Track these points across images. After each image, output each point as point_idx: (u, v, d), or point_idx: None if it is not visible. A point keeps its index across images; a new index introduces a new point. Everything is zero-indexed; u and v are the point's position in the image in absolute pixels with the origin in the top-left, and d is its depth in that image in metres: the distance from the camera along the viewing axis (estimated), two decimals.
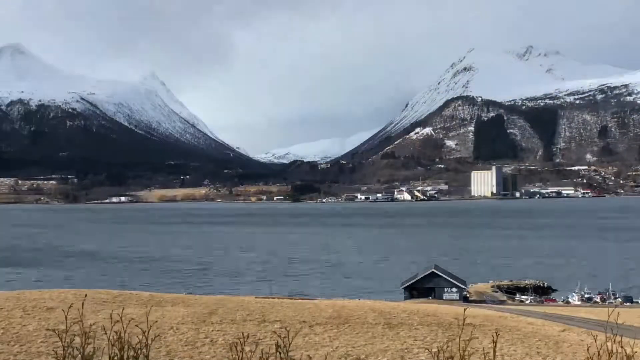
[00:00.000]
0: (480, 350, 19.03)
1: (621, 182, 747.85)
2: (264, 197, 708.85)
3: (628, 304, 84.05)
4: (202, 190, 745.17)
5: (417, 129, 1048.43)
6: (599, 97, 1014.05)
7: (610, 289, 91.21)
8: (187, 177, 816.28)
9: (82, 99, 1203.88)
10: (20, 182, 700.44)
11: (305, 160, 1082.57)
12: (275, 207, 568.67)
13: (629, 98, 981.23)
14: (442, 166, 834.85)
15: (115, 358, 7.89)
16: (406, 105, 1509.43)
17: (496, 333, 10.59)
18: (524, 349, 20.18)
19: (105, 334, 8.03)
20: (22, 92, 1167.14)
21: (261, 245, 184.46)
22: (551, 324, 29.18)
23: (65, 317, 8.56)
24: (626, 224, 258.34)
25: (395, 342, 21.09)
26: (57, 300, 36.63)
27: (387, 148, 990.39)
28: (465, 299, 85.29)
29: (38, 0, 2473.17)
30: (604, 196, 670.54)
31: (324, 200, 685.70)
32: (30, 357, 15.65)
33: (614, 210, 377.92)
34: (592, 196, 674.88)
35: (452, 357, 7.86)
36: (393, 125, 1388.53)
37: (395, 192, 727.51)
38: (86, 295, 31.97)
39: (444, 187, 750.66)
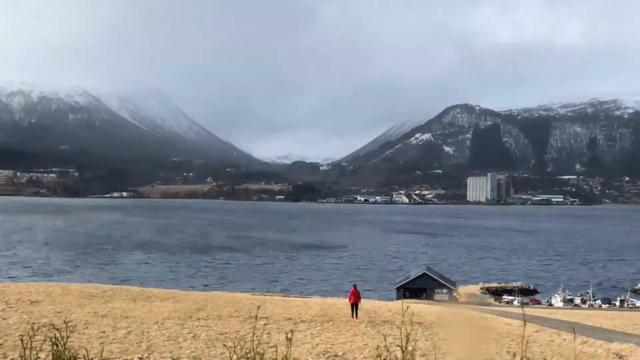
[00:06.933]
0: (448, 350, 19.67)
1: (607, 191, 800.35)
2: (266, 196, 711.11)
3: (607, 305, 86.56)
4: (204, 188, 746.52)
5: (417, 135, 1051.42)
6: (589, 110, 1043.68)
7: (591, 292, 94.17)
8: (190, 174, 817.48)
9: (85, 92, 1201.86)
10: (19, 174, 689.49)
11: (307, 161, 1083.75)
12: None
13: (617, 112, 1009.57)
14: (440, 171, 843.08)
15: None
16: (407, 111, 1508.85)
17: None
18: (497, 348, 20.75)
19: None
20: (24, 82, 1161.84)
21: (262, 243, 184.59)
22: (527, 325, 29.79)
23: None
24: None
25: (375, 340, 21.58)
26: (43, 294, 36.90)
27: (387, 152, 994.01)
28: (454, 300, 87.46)
29: None
30: (590, 205, 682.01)
31: (324, 201, 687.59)
32: (4, 351, 15.24)
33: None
34: (579, 204, 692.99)
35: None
36: (394, 130, 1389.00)
37: (394, 195, 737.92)
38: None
39: (441, 191, 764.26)
